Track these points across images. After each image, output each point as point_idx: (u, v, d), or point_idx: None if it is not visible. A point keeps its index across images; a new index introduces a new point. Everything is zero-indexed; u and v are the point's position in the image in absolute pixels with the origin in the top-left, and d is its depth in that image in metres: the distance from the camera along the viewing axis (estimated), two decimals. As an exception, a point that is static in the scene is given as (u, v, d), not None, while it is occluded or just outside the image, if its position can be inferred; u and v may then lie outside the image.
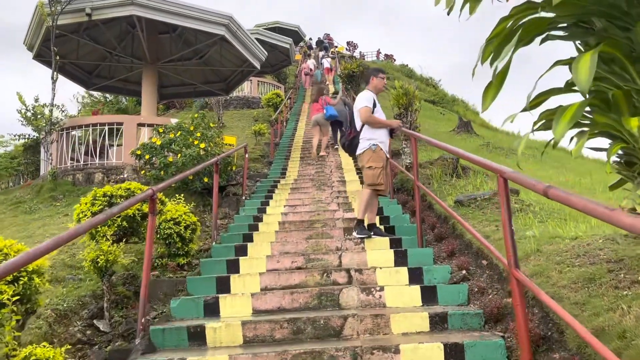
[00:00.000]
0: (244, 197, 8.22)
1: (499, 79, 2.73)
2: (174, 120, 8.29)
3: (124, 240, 4.59)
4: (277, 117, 15.62)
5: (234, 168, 7.92)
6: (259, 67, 10.84)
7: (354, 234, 5.47)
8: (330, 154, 12.60)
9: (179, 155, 7.21)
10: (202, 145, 7.10)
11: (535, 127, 2.81)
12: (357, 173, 10.09)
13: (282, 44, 22.32)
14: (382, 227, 5.87)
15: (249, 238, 5.93)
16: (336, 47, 40.76)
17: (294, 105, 21.47)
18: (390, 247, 5.36)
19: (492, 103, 2.83)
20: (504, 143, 14.86)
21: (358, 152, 5.65)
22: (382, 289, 4.08)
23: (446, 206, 4.78)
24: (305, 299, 4.07)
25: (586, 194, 7.66)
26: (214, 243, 5.99)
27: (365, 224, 5.52)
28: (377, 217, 5.92)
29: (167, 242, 5.19)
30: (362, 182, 8.55)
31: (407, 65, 38.81)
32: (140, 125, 8.65)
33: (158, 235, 5.13)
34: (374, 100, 5.71)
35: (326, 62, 27.65)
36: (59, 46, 10.24)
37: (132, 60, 10.68)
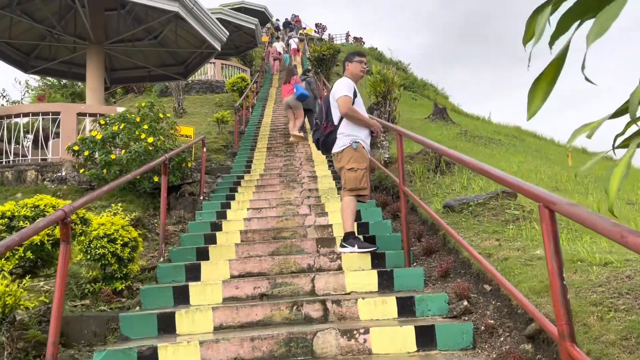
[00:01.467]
0: (201, 198, 7.23)
1: (554, 68, 1.80)
2: (119, 109, 7.21)
3: (30, 274, 3.58)
4: (242, 103, 14.56)
5: (190, 164, 6.92)
6: (219, 48, 9.76)
7: (348, 249, 4.57)
8: (300, 143, 11.68)
9: (123, 151, 6.18)
10: (150, 140, 6.07)
11: (616, 144, 1.89)
12: (329, 166, 9.22)
13: (247, 24, 21.08)
14: (360, 236, 5.00)
15: (203, 254, 4.99)
16: (304, 28, 39.50)
17: (260, 89, 20.36)
18: (373, 266, 4.51)
19: (541, 106, 1.88)
20: (480, 130, 14.21)
21: (335, 149, 4.76)
22: (366, 330, 3.23)
23: (438, 218, 3.95)
24: (270, 346, 3.18)
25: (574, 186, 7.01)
26: (160, 259, 5.03)
27: (345, 230, 4.66)
28: (355, 224, 5.06)
29: (100, 263, 4.21)
30: (336, 183, 7.68)
31: (376, 48, 37.90)
32: (81, 115, 7.52)
33: (88, 256, 4.15)
34: (355, 90, 4.81)
35: (293, 43, 26.51)
36: (-13, 23, 8.94)
37: (74, 40, 9.45)
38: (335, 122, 4.77)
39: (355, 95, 4.78)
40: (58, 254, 3.19)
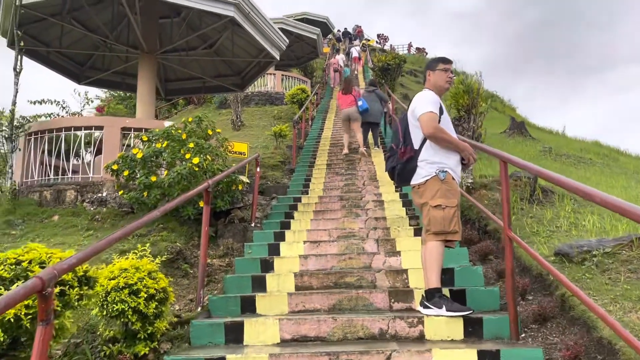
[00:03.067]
0: (253, 224, 6.35)
1: None
2: (167, 124, 6.49)
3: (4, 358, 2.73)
4: (302, 116, 13.75)
5: (240, 187, 6.06)
6: (278, 57, 8.96)
7: (433, 311, 3.52)
8: (362, 159, 10.68)
9: (165, 172, 5.41)
10: (196, 160, 5.25)
11: None
12: (397, 189, 8.14)
13: (308, 34, 20.40)
14: (447, 291, 3.90)
15: (249, 304, 4.05)
16: (367, 39, 38.59)
17: (321, 101, 19.55)
18: (466, 334, 3.42)
19: None
20: (564, 148, 12.65)
21: (416, 180, 3.71)
22: None
23: (564, 279, 2.81)
24: None
25: None
26: (198, 308, 4.14)
27: (428, 286, 3.60)
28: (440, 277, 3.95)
29: (120, 320, 3.36)
30: (407, 210, 6.58)
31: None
32: (126, 130, 6.87)
33: (104, 312, 3.31)
34: (441, 105, 3.76)
35: (355, 51, 25.59)
36: (38, 32, 8.56)
37: (127, 49, 8.94)
38: (416, 146, 3.73)
39: (441, 112, 3.73)
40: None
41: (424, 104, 3.69)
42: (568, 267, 3.85)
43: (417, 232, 5.69)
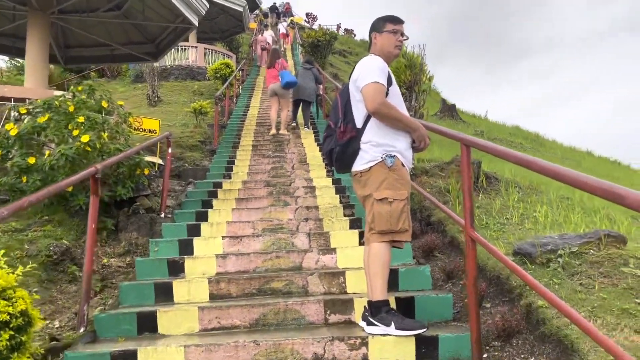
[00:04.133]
0: (162, 215, 5.41)
1: None
2: (57, 94, 5.35)
3: None
4: (225, 92, 12.71)
5: (146, 171, 5.09)
6: (196, 23, 7.92)
7: (379, 329, 2.83)
8: (291, 140, 9.91)
9: (47, 153, 4.36)
10: (85, 138, 4.22)
11: None
12: (328, 172, 7.46)
13: (234, 5, 19.17)
14: (392, 299, 3.24)
15: (148, 324, 3.20)
16: (293, 17, 37.46)
17: (247, 78, 18.46)
18: (418, 358, 2.79)
19: None
20: (495, 132, 12.54)
21: (358, 167, 2.99)
22: None
23: (547, 291, 2.21)
24: None
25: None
26: (81, 329, 3.22)
27: (372, 298, 2.92)
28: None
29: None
30: (341, 198, 5.90)
31: (367, 41, 36.14)
32: (4, 100, 5.63)
33: None
34: (389, 75, 3.05)
35: (282, 27, 24.57)
36: None
37: (14, 6, 7.52)
38: (359, 125, 3.01)
39: (389, 83, 3.02)
40: None
41: (368, 73, 2.95)
42: (531, 270, 3.30)
43: (353, 224, 5.04)
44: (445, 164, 5.75)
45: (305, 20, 40.63)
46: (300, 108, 10.86)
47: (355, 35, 39.86)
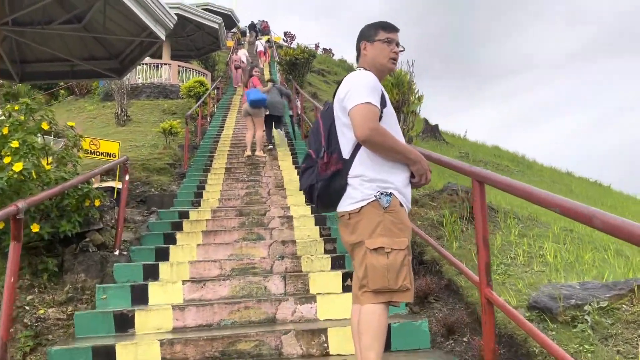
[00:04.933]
0: (117, 252, 4.71)
1: None
2: (-4, 114, 4.64)
3: None
4: (198, 111, 12.07)
5: (97, 203, 4.40)
6: (163, 37, 7.30)
7: None
8: (268, 162, 9.29)
9: (-29, 183, 3.65)
10: (18, 167, 3.53)
11: None
12: (308, 202, 6.84)
13: (209, 23, 18.64)
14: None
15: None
16: (271, 36, 37.12)
17: (222, 96, 17.84)
18: None
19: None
20: (480, 153, 12.12)
21: (346, 206, 2.39)
22: None
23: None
24: None
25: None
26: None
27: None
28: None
29: None
30: (321, 230, 5.27)
31: (346, 60, 35.88)
32: None
33: None
34: (383, 94, 2.48)
35: (260, 44, 24.07)
36: None
37: (-39, 16, 6.81)
38: (346, 155, 2.41)
39: (383, 104, 2.44)
40: None
41: (357, 91, 2.37)
42: (553, 329, 2.73)
43: (335, 263, 4.42)
44: (436, 192, 5.19)
45: (283, 39, 40.38)
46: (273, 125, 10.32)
47: (333, 55, 39.68)
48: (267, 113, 9.91)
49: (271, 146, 10.03)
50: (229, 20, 34.23)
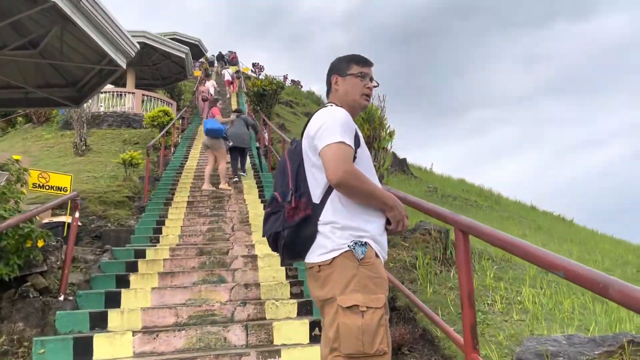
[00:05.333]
0: (62, 298, 4.27)
1: None
2: None
3: None
4: (161, 141, 11.69)
5: (40, 244, 4.00)
6: (124, 65, 6.99)
7: None
8: (233, 196, 8.96)
9: None
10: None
11: None
12: (273, 250, 6.52)
13: (176, 52, 18.37)
14: None
15: None
16: (239, 66, 37.11)
17: (188, 127, 17.47)
18: None
19: None
20: (448, 188, 12.08)
21: (315, 257, 2.11)
22: None
23: None
24: None
25: None
26: None
27: None
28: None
29: None
30: (287, 271, 4.96)
31: (314, 92, 36.11)
32: None
33: None
34: (357, 133, 2.25)
35: (227, 74, 23.90)
36: None
37: None
38: (316, 199, 2.15)
39: (357, 144, 2.21)
40: None
41: (329, 129, 2.12)
42: (540, 391, 2.48)
43: (302, 309, 4.11)
44: (408, 231, 4.97)
45: (251, 70, 40.43)
46: (239, 158, 10.06)
47: (302, 87, 39.87)
48: (232, 144, 9.66)
49: (237, 179, 9.72)
50: (197, 50, 34.13)
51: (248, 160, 11.00)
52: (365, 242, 2.09)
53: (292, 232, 2.16)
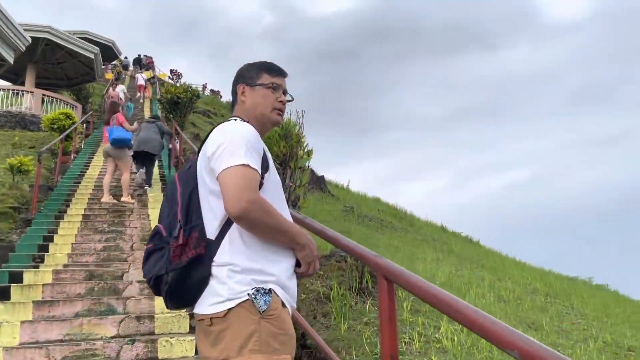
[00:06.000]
0: None
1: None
2: None
3: None
4: (59, 146, 10.64)
5: None
6: (11, 59, 6.20)
7: None
8: (135, 210, 8.23)
9: None
10: None
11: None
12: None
13: (84, 52, 17.13)
14: None
15: None
16: (156, 72, 35.61)
17: (94, 132, 16.22)
18: None
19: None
20: (364, 207, 11.99)
21: (207, 309, 1.70)
22: None
23: None
24: None
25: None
26: None
27: None
28: None
29: None
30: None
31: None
32: None
33: None
34: (265, 154, 1.86)
35: (140, 78, 22.70)
36: None
37: None
38: (211, 235, 1.74)
39: (265, 167, 1.82)
40: None
41: (231, 149, 1.72)
42: None
43: (202, 347, 3.61)
44: (323, 258, 4.64)
45: (169, 77, 38.94)
46: (144, 165, 9.28)
47: (221, 97, 38.98)
48: (141, 149, 8.93)
49: (141, 191, 8.98)
50: (110, 52, 32.38)
51: (156, 170, 10.27)
52: (270, 289, 1.69)
53: (177, 276, 1.72)
